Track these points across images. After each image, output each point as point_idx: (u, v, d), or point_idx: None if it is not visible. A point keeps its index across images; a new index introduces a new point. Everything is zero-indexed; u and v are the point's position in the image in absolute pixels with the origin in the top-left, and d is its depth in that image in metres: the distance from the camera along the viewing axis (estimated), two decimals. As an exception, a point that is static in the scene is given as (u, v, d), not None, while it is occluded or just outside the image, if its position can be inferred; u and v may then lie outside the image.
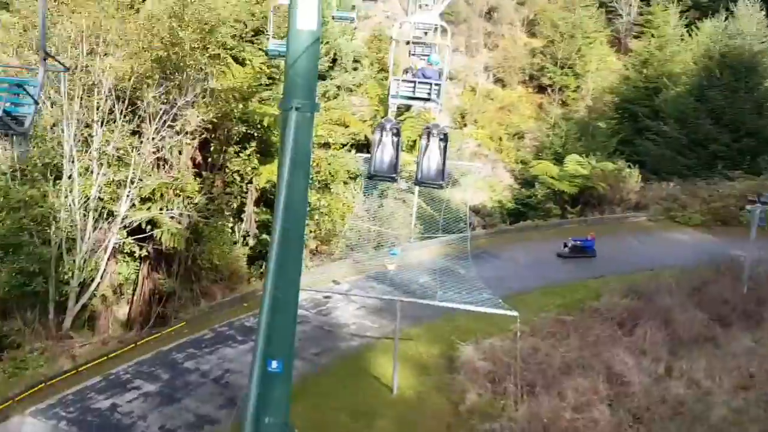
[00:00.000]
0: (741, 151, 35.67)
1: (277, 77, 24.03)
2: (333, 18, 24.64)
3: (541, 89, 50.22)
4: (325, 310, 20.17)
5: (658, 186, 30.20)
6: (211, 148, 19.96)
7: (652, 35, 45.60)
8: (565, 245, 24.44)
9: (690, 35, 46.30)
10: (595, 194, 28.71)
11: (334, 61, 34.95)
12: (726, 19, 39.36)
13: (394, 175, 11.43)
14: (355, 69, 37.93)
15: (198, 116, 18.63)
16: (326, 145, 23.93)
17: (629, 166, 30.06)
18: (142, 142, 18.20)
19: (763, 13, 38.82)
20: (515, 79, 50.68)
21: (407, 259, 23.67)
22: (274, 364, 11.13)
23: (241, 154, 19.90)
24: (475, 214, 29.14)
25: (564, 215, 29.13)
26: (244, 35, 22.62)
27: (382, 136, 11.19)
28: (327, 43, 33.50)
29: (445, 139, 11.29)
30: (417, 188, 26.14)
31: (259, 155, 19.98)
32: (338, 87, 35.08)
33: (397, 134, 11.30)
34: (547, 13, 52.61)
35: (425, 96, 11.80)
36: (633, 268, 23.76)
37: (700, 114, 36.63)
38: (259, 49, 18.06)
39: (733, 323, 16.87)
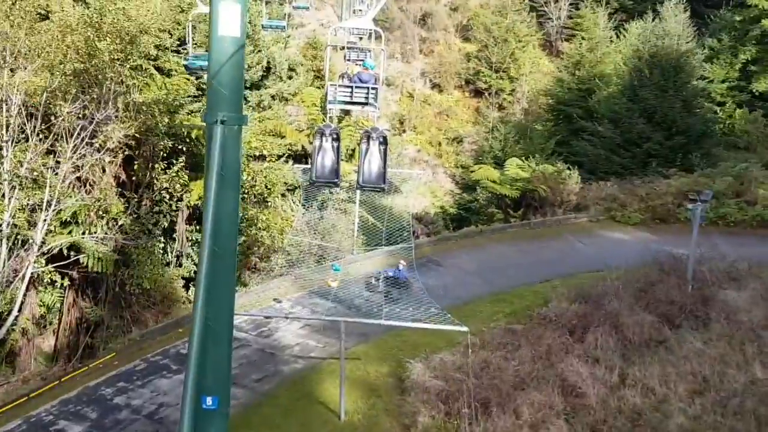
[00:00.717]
0: (673, 148, 36.47)
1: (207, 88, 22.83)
2: (263, 27, 23.75)
3: (478, 93, 50.53)
4: (266, 332, 19.12)
5: (597, 186, 30.45)
6: (136, 166, 18.66)
7: (583, 38, 46.43)
8: (376, 279, 21.21)
9: (619, 37, 47.45)
10: (537, 197, 28.68)
11: (267, 69, 33.91)
12: (653, 20, 40.33)
13: (336, 180, 11.54)
14: (290, 77, 36.95)
15: (120, 131, 17.34)
16: (262, 158, 22.93)
17: (568, 168, 30.20)
18: (58, 161, 16.78)
19: (687, 14, 39.97)
20: (452, 83, 50.82)
21: (351, 271, 22.92)
22: (209, 400, 10.19)
23: (168, 171, 18.68)
24: (418, 221, 28.64)
25: (507, 219, 28.99)
26: (169, 45, 21.40)
27: (322, 141, 11.12)
28: (260, 51, 32.47)
29: (384, 142, 11.24)
30: (358, 198, 25.48)
31: (188, 171, 18.79)
32: (273, 96, 34.07)
33: (337, 139, 11.29)
34: (480, 18, 53.02)
35: (363, 100, 11.74)
36: (578, 270, 23.70)
37: (632, 114, 37.28)
38: (185, 58, 17.09)
39: (681, 324, 16.74)
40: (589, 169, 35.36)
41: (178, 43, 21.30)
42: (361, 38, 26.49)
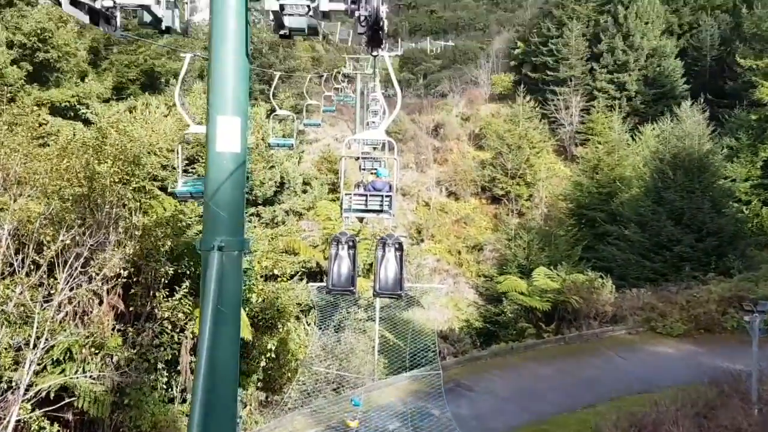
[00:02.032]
0: (706, 251, 34.80)
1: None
2: (270, 146, 23.13)
3: (495, 200, 49.75)
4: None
5: (632, 295, 28.44)
6: (135, 294, 17.24)
7: (598, 142, 46.04)
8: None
9: (634, 140, 47.08)
10: (570, 308, 26.68)
11: (281, 185, 33.27)
12: (671, 121, 39.94)
13: (352, 288, 11.17)
14: (304, 191, 36.36)
15: (119, 258, 16.05)
16: (273, 277, 21.46)
17: (600, 276, 28.36)
18: (51, 293, 15.40)
19: (707, 114, 39.64)
20: (468, 191, 50.20)
21: (373, 400, 20.76)
22: None
23: (171, 298, 17.22)
24: (444, 340, 26.59)
25: (539, 334, 26.84)
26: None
27: (338, 249, 11.02)
28: (273, 167, 31.95)
29: (400, 248, 11.08)
30: (377, 315, 23.76)
31: (192, 296, 17.32)
32: (287, 212, 33.23)
33: (353, 247, 11.14)
34: (493, 127, 53.24)
35: (377, 207, 11.67)
36: (623, 391, 21.35)
37: (659, 216, 36.00)
38: (172, 186, 15.98)
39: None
40: (620, 276, 33.57)
41: (187, 162, 20.54)
42: (375, 148, 25.92)
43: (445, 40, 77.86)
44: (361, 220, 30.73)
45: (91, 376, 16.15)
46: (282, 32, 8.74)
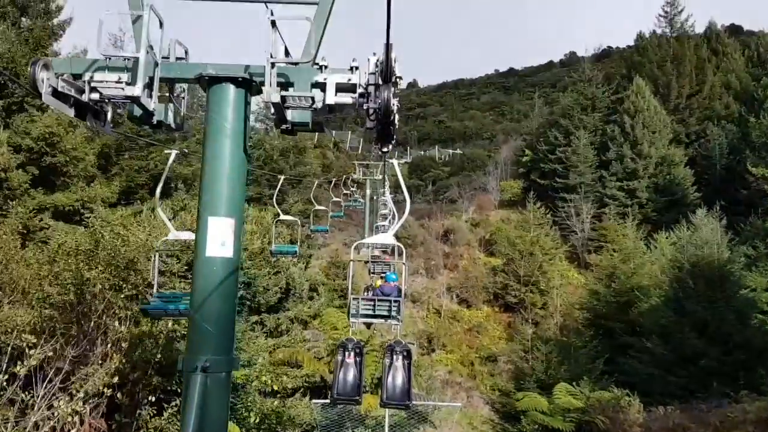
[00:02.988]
0: (734, 365, 32.74)
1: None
2: (272, 254, 22.23)
3: (508, 308, 48.08)
4: None
5: (660, 414, 26.25)
6: (119, 410, 15.67)
7: (614, 249, 44.95)
8: None
9: (649, 247, 46.00)
10: (595, 429, 24.49)
11: (287, 291, 32.05)
12: (687, 229, 39.02)
13: (357, 398, 10.91)
14: (311, 298, 35.07)
15: (104, 372, 14.66)
16: (273, 393, 19.81)
17: (627, 394, 26.33)
18: (26, 412, 13.90)
19: (724, 221, 38.75)
20: (480, 298, 48.69)
21: None
22: None
23: (160, 417, 15.60)
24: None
25: (565, 461, 24.55)
26: (176, 270, 19.69)
27: (344, 356, 10.75)
28: (278, 273, 30.86)
29: (408, 356, 10.76)
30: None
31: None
32: (291, 320, 31.80)
33: (360, 354, 10.90)
34: (503, 233, 52.51)
35: (386, 313, 11.39)
36: None
37: (682, 327, 34.22)
38: (142, 302, 14.87)
39: None
40: (644, 392, 31.35)
41: (186, 267, 19.54)
42: (384, 252, 25.04)
43: (453, 149, 79.13)
44: (368, 326, 29.38)
45: None
46: (284, 126, 7.94)
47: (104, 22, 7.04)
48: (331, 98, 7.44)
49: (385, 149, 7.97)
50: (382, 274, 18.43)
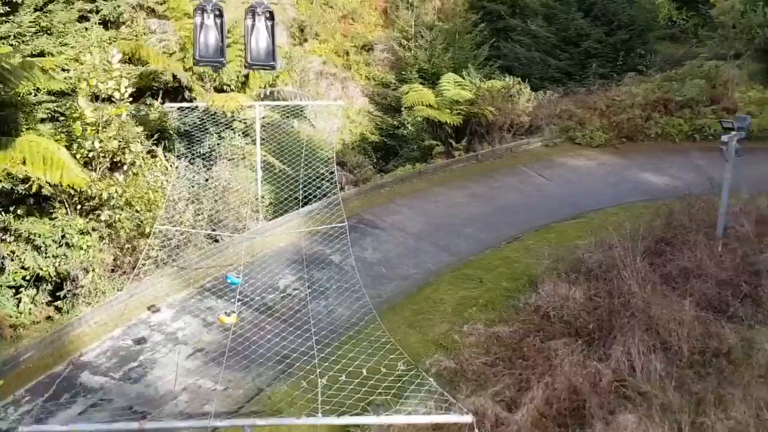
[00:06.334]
0: (615, 46, 31.89)
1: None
2: None
3: (384, -9, 43.28)
4: (136, 369, 12.69)
5: (546, 101, 25.02)
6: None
7: None
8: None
9: None
10: (483, 122, 22.99)
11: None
12: None
13: (222, 60, 10.65)
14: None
15: None
16: (109, 100, 15.76)
17: (519, 82, 24.49)
18: None
19: None
20: (353, -19, 43.21)
21: (258, 248, 16.87)
22: None
23: None
24: (341, 167, 22.44)
25: (450, 152, 23.21)
26: None
27: (203, 18, 10.14)
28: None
29: (271, 17, 10.48)
30: (259, 138, 19.32)
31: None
32: (134, 7, 25.80)
33: (220, 16, 10.30)
34: None
35: None
36: (550, 217, 18.68)
37: (569, 8, 32.14)
38: None
39: (732, 313, 11.93)
40: (522, 75, 30.07)
41: None
42: None
43: None
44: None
45: None
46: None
47: None
48: None
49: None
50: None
